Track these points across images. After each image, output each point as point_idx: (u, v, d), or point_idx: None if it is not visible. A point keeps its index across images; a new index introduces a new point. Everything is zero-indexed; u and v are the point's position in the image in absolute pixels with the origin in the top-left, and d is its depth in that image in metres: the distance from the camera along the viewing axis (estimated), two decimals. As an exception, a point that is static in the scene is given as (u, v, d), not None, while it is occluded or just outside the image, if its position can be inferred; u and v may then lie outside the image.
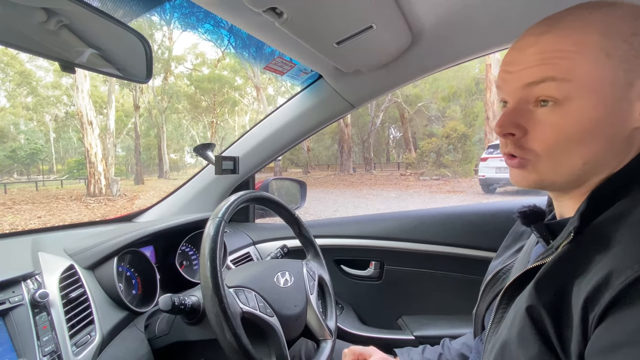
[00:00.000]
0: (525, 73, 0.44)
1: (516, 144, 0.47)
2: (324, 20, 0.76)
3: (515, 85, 0.46)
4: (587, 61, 0.41)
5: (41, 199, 12.11)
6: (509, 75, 0.47)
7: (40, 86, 22.83)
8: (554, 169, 0.45)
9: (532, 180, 0.48)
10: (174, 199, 1.38)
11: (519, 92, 0.46)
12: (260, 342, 0.74)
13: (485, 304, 0.66)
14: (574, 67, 0.41)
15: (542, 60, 0.43)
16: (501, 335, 0.47)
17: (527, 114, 0.45)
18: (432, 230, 1.29)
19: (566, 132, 0.43)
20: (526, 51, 0.45)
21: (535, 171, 0.47)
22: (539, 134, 0.45)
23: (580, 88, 0.41)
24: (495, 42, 0.94)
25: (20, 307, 0.64)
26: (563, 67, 0.42)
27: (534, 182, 0.48)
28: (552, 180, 0.47)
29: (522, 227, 0.70)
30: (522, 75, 0.45)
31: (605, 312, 0.35)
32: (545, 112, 0.44)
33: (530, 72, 0.44)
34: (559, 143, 0.43)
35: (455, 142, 14.64)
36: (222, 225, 0.72)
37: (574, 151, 0.43)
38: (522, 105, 0.46)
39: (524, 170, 0.48)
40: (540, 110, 0.44)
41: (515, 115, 0.46)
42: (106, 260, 0.86)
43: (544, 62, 0.43)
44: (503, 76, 0.48)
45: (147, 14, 0.91)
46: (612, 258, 0.37)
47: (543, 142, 0.44)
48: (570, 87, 0.42)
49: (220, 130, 27.19)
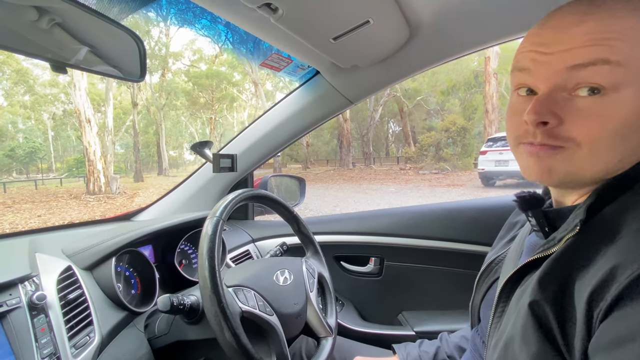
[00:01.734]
0: (571, 54, 0.39)
1: (549, 133, 0.42)
2: (319, 15, 0.75)
3: (554, 67, 0.41)
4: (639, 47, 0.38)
5: (41, 198, 12.11)
6: (544, 57, 0.42)
7: (38, 84, 22.73)
8: (592, 163, 0.41)
9: (559, 174, 0.43)
10: (172, 198, 1.38)
11: (556, 77, 0.41)
12: (260, 341, 0.74)
13: (480, 294, 0.66)
14: (629, 49, 0.38)
15: (594, 41, 0.38)
16: (504, 332, 0.47)
17: (563, 102, 0.41)
18: (432, 225, 1.29)
19: (614, 124, 0.39)
20: (571, 31, 0.40)
21: (568, 162, 0.42)
22: (580, 123, 0.40)
23: (633, 76, 0.38)
24: (494, 36, 0.93)
25: (17, 309, 0.64)
26: (619, 49, 0.38)
27: (562, 176, 0.43)
28: (580, 175, 0.43)
29: (516, 218, 0.70)
30: (566, 57, 0.40)
31: (611, 307, 0.34)
32: (588, 101, 0.40)
33: (577, 53, 0.39)
34: (606, 135, 0.39)
35: (454, 135, 14.61)
36: (220, 225, 0.72)
37: (617, 145, 0.40)
38: (557, 92, 0.41)
39: (553, 160, 0.43)
40: (581, 99, 0.40)
41: (551, 102, 0.41)
42: (104, 261, 0.86)
43: (596, 43, 0.38)
44: (535, 57, 0.43)
45: (144, 10, 0.90)
46: (617, 252, 0.37)
47: (586, 133, 0.40)
48: (623, 73, 0.38)
49: (219, 127, 27.12)
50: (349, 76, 1.11)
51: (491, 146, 9.58)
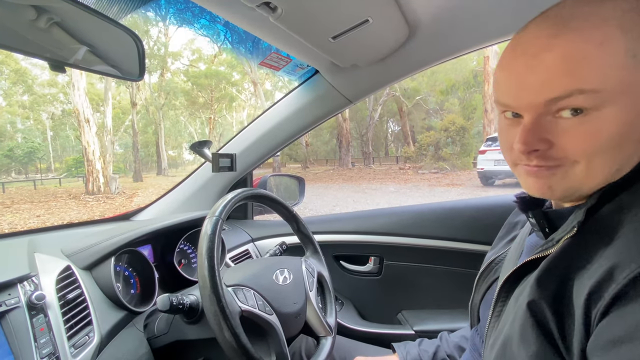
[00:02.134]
0: (547, 88, 0.40)
1: (543, 156, 0.43)
2: (319, 14, 0.75)
3: (534, 101, 0.41)
4: (614, 66, 0.38)
5: (40, 198, 12.10)
6: (524, 90, 0.42)
7: (36, 84, 22.71)
8: (589, 175, 0.42)
9: (560, 190, 0.44)
10: (171, 197, 1.38)
11: (538, 107, 0.41)
12: (260, 340, 0.74)
13: (480, 294, 0.66)
14: (602, 75, 0.38)
15: (565, 71, 0.38)
16: (502, 331, 0.47)
17: (549, 126, 0.42)
18: (431, 225, 1.29)
19: (605, 138, 0.39)
20: (541, 57, 0.40)
21: (567, 178, 0.43)
22: (570, 142, 0.41)
23: (612, 95, 0.38)
24: (493, 35, 0.93)
25: (16, 309, 0.64)
26: (590, 77, 0.38)
27: (562, 191, 0.44)
28: (581, 189, 0.44)
29: (516, 218, 0.70)
30: (542, 91, 0.40)
31: (609, 307, 0.34)
32: (574, 121, 0.40)
33: (552, 86, 0.39)
34: (600, 150, 0.40)
35: (453, 135, 14.62)
36: (219, 224, 0.72)
37: (613, 157, 0.41)
38: (542, 117, 0.42)
39: (553, 178, 0.44)
40: (566, 120, 0.41)
41: (538, 131, 0.42)
42: (103, 261, 0.86)
43: (567, 73, 0.38)
44: (513, 94, 0.43)
45: (143, 9, 0.90)
46: (615, 252, 0.37)
47: (579, 149, 0.41)
48: (601, 96, 0.38)
49: (218, 127, 27.11)
50: (348, 75, 1.10)
51: (490, 145, 9.59)
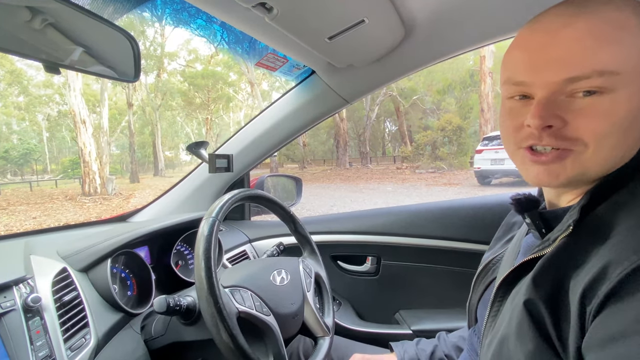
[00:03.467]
0: (566, 66, 0.40)
1: (555, 134, 0.42)
2: (314, 15, 0.75)
3: (550, 79, 0.41)
4: (632, 50, 0.39)
5: (36, 200, 12.03)
6: (541, 67, 0.42)
7: (32, 85, 22.59)
8: (597, 161, 0.42)
9: (569, 175, 0.43)
10: (168, 198, 1.37)
11: (554, 85, 0.41)
12: (258, 341, 0.74)
13: (477, 295, 0.66)
14: (621, 57, 0.38)
15: (585, 51, 0.39)
16: (499, 330, 0.47)
17: (564, 104, 0.41)
18: (428, 224, 1.29)
19: (616, 121, 0.40)
20: (560, 34, 0.40)
21: (577, 163, 0.42)
22: (584, 122, 0.40)
23: (627, 78, 0.39)
24: (489, 35, 0.93)
25: (12, 312, 0.63)
26: (610, 58, 0.38)
27: (571, 177, 0.43)
28: (585, 175, 0.43)
29: (513, 218, 0.70)
30: (559, 70, 0.40)
31: (603, 304, 0.35)
32: (588, 101, 0.40)
33: (571, 65, 0.40)
34: (611, 132, 0.40)
35: (450, 134, 14.65)
36: (216, 225, 0.72)
37: (621, 141, 0.41)
38: (556, 96, 0.42)
39: (559, 164, 0.43)
40: (581, 99, 0.41)
41: (553, 106, 0.42)
42: (100, 262, 0.85)
43: (587, 53, 0.39)
44: (528, 69, 0.43)
45: (138, 10, 0.89)
46: (609, 250, 0.37)
47: (592, 131, 0.40)
48: (618, 79, 0.39)
49: (215, 127, 27.06)
50: (345, 75, 1.10)
51: (487, 145, 9.62)
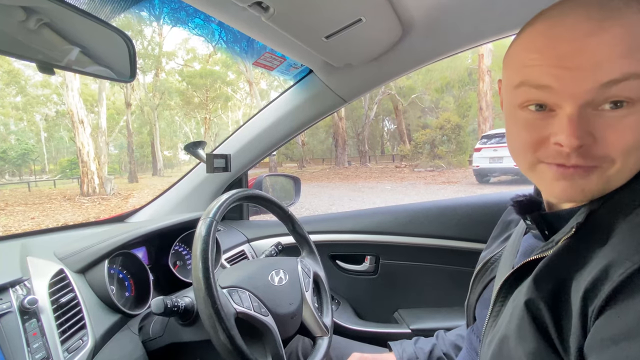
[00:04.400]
0: (603, 70, 0.36)
1: (585, 154, 0.39)
2: (311, 14, 0.75)
3: (585, 85, 0.38)
4: None
5: (34, 200, 12.00)
6: (569, 72, 0.38)
7: (29, 85, 22.51)
8: (621, 174, 0.41)
9: (593, 190, 0.41)
10: (165, 198, 1.37)
11: (587, 95, 0.38)
12: (256, 341, 0.73)
13: (476, 294, 0.66)
14: None
15: (623, 52, 0.36)
16: (499, 330, 0.47)
17: (593, 119, 0.39)
18: (426, 223, 1.29)
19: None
20: (591, 40, 0.37)
21: (600, 179, 0.41)
22: (613, 139, 0.38)
23: None
24: (487, 33, 0.93)
25: (8, 314, 0.63)
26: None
27: (595, 192, 0.42)
28: (610, 188, 0.42)
29: (509, 217, 0.70)
30: (597, 73, 0.37)
31: (605, 305, 0.34)
32: (616, 115, 0.38)
33: (610, 68, 0.36)
34: (637, 145, 0.38)
35: (449, 133, 14.68)
36: (213, 226, 0.71)
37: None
38: (586, 110, 0.39)
39: (586, 180, 0.41)
40: (608, 113, 0.38)
41: (585, 123, 0.39)
42: (97, 263, 0.85)
43: (625, 54, 0.36)
44: (558, 73, 0.39)
45: (136, 9, 0.89)
46: (611, 250, 0.37)
47: (620, 146, 0.38)
48: None
49: (214, 126, 27.01)
50: (343, 74, 1.10)
51: (485, 143, 9.63)
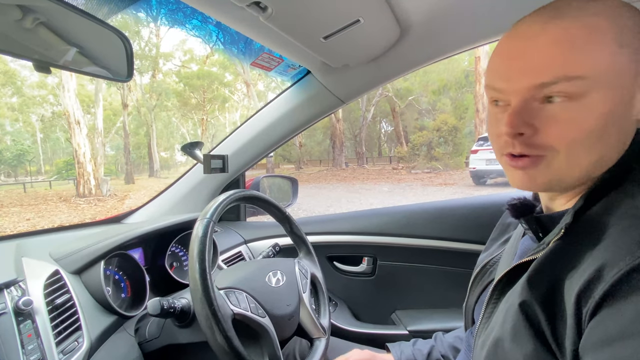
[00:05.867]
0: (535, 73, 0.41)
1: (527, 142, 0.43)
2: (309, 14, 0.75)
3: (523, 85, 0.42)
4: (601, 53, 0.39)
5: (29, 201, 11.92)
6: (514, 74, 0.43)
7: (25, 86, 22.36)
8: (570, 166, 0.42)
9: (545, 181, 0.45)
10: (162, 199, 1.36)
11: (526, 92, 0.42)
12: (253, 343, 0.73)
13: (475, 297, 0.66)
14: (588, 62, 0.39)
15: (554, 56, 0.40)
16: (492, 331, 0.47)
17: (535, 112, 0.42)
18: (424, 224, 1.29)
19: (586, 127, 0.40)
20: (533, 41, 0.41)
21: (549, 169, 0.43)
22: (554, 130, 0.41)
23: (596, 83, 0.39)
24: (484, 35, 0.93)
25: (3, 315, 0.63)
26: (577, 63, 0.39)
27: (548, 182, 0.45)
28: (563, 180, 0.44)
29: (508, 219, 0.70)
30: (531, 75, 0.41)
31: (599, 306, 0.35)
32: (559, 107, 0.41)
33: (540, 71, 0.41)
34: (581, 138, 0.40)
35: (446, 134, 14.71)
36: (210, 226, 0.71)
37: (593, 146, 0.41)
38: (529, 103, 0.43)
39: (535, 169, 0.44)
40: (552, 106, 0.41)
41: (524, 114, 0.42)
42: (93, 264, 0.84)
43: (556, 59, 0.40)
44: (508, 72, 0.44)
45: (133, 10, 0.88)
46: (604, 251, 0.37)
47: (562, 138, 0.41)
48: (586, 83, 0.39)
49: (211, 128, 26.94)
50: (340, 75, 1.10)
51: (482, 145, 9.66)
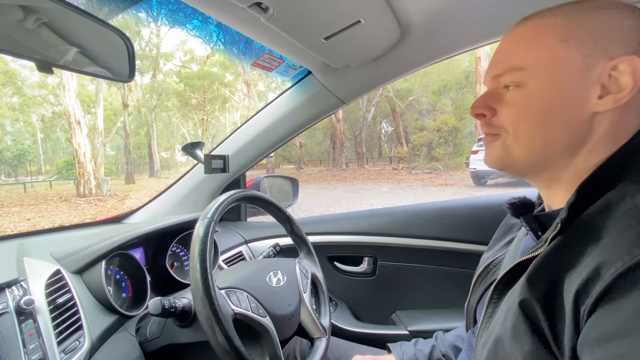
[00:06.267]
0: (494, 66, 0.51)
1: (488, 123, 0.52)
2: (310, 15, 0.75)
3: (489, 75, 0.53)
4: (540, 47, 0.47)
5: (30, 201, 11.92)
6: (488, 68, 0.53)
7: (26, 86, 22.38)
8: (518, 146, 0.49)
9: (498, 156, 0.51)
10: (163, 199, 1.37)
11: (491, 82, 0.52)
12: (254, 343, 0.73)
13: (477, 297, 0.66)
14: (530, 54, 0.47)
15: (506, 52, 0.50)
16: (494, 330, 0.47)
17: (497, 97, 0.51)
18: (424, 224, 1.29)
19: (525, 112, 0.48)
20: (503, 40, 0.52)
21: (502, 146, 0.50)
22: (505, 112, 0.50)
23: (535, 73, 0.46)
24: (484, 36, 0.94)
25: (4, 315, 0.63)
26: (520, 56, 0.48)
27: (500, 158, 0.51)
28: (516, 158, 0.50)
29: (512, 220, 0.70)
30: (493, 68, 0.52)
31: (596, 304, 0.35)
32: (510, 94, 0.49)
33: (497, 64, 0.51)
34: (521, 121, 0.48)
35: (446, 135, 14.71)
36: (211, 226, 0.71)
37: (534, 131, 0.47)
38: (493, 90, 0.52)
39: (492, 146, 0.52)
40: (507, 92, 0.50)
41: (485, 99, 0.52)
42: (94, 264, 0.85)
43: (506, 53, 0.50)
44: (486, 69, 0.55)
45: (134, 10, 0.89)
46: (602, 250, 0.37)
47: (509, 120, 0.49)
48: (526, 73, 0.47)
49: (211, 128, 26.94)
50: (341, 76, 1.10)
51: (482, 145, 9.61)
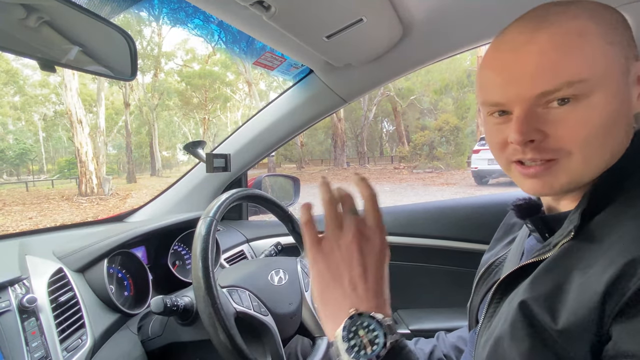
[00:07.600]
0: (536, 81, 0.41)
1: (538, 148, 0.43)
2: (313, 13, 0.75)
3: (524, 95, 0.42)
4: (594, 54, 0.40)
5: (32, 200, 11.96)
6: (512, 84, 0.43)
7: (28, 85, 22.48)
8: (586, 165, 0.42)
9: (563, 184, 0.44)
10: (165, 198, 1.37)
11: (529, 101, 0.42)
12: (255, 341, 0.73)
13: (479, 297, 0.66)
14: (586, 64, 0.39)
15: (552, 64, 0.40)
16: (494, 330, 0.47)
17: (542, 117, 0.42)
18: (426, 224, 1.29)
19: (596, 125, 0.40)
20: (526, 50, 0.42)
21: (565, 171, 0.43)
22: (565, 132, 0.41)
23: (598, 82, 0.40)
24: (487, 34, 0.93)
25: (7, 313, 0.63)
26: (576, 67, 0.39)
27: (568, 184, 0.44)
28: (581, 180, 0.44)
29: (513, 219, 0.69)
30: (532, 84, 0.41)
31: (633, 299, 0.33)
32: (564, 111, 0.41)
33: (541, 80, 0.41)
34: (590, 137, 0.41)
35: (447, 134, 14.71)
36: (213, 225, 0.71)
37: (605, 142, 0.42)
38: (533, 109, 0.42)
39: (549, 174, 0.44)
40: (556, 109, 0.41)
41: (533, 121, 0.42)
42: (96, 263, 0.85)
43: (554, 66, 0.40)
44: (505, 84, 0.43)
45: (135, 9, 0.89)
46: (629, 246, 0.36)
47: (574, 139, 0.41)
48: (588, 85, 0.40)
49: (213, 127, 26.98)
50: (343, 75, 1.10)
51: (484, 145, 9.63)
